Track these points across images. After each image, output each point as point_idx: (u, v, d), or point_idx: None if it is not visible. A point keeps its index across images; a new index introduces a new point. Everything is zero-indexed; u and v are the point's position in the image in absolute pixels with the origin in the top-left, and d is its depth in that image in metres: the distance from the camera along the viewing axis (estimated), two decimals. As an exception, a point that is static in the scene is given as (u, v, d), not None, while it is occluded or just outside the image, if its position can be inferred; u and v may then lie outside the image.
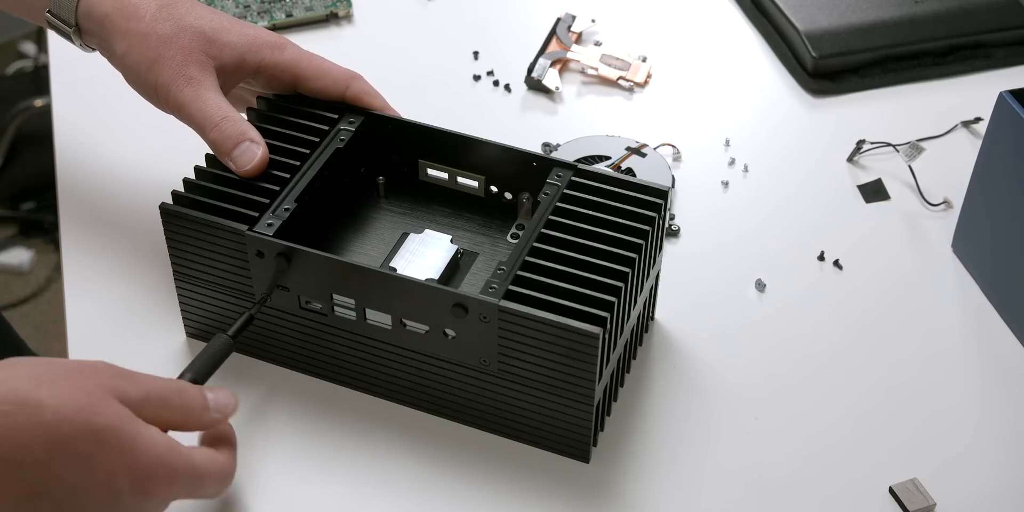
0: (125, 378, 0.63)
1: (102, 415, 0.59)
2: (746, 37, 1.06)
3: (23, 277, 1.96)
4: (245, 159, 0.75)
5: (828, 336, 0.83)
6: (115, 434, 0.59)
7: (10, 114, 1.96)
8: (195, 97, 0.76)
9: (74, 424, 0.58)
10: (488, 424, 0.76)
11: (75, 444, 0.58)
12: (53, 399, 0.58)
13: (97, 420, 0.59)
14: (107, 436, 0.59)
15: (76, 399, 0.59)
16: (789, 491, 0.75)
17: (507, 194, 0.81)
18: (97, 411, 0.59)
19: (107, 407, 0.60)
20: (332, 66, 0.80)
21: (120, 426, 0.60)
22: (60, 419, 0.58)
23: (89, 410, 0.59)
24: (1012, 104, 0.78)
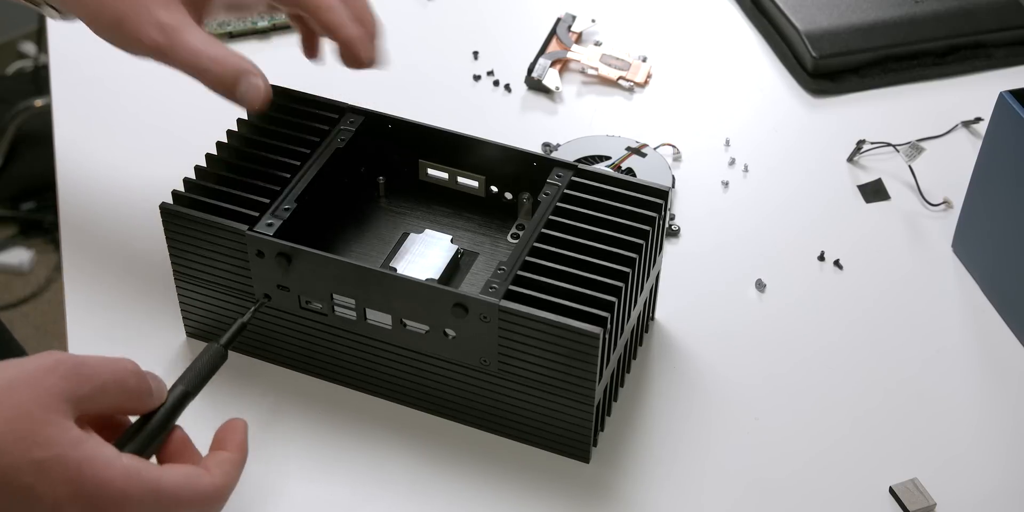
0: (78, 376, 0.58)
1: (43, 445, 0.55)
2: (746, 37, 1.06)
3: (23, 277, 1.96)
4: (251, 96, 0.72)
5: (828, 336, 0.83)
6: (60, 462, 0.55)
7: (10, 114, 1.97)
8: (174, 44, 0.71)
9: (13, 456, 0.55)
10: (488, 424, 0.76)
11: (16, 477, 0.55)
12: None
13: (37, 452, 0.55)
14: (50, 466, 0.55)
15: (15, 429, 0.55)
16: (789, 491, 0.75)
17: (507, 194, 0.81)
18: (38, 441, 0.55)
19: (50, 434, 0.55)
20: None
21: (65, 454, 0.55)
22: None
23: (29, 440, 0.55)
24: (1012, 104, 0.78)
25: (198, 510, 0.60)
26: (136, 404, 0.61)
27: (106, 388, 0.59)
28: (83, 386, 0.58)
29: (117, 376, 0.59)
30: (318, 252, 0.71)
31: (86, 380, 0.58)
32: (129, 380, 0.60)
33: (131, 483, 0.57)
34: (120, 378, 0.60)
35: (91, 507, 0.56)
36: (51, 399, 0.56)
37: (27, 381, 0.56)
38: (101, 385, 0.58)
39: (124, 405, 0.61)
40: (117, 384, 0.59)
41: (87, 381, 0.58)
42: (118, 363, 0.60)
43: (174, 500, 0.58)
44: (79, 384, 0.58)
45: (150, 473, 0.58)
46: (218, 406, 0.78)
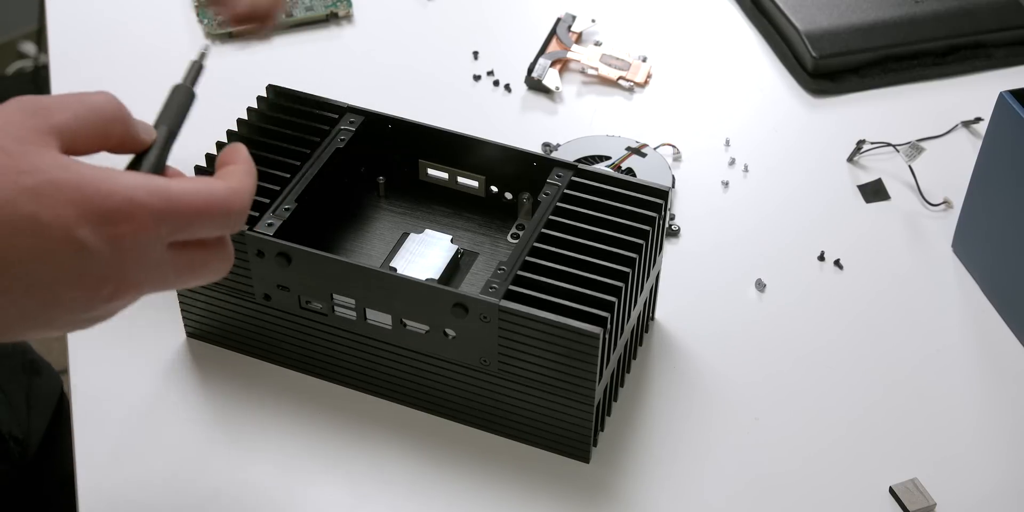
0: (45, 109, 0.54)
1: (29, 172, 0.51)
2: (746, 37, 1.06)
3: (23, 277, 1.96)
4: None
5: (828, 336, 0.83)
6: (54, 185, 0.51)
7: (10, 114, 1.96)
8: None
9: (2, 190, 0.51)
10: (488, 424, 0.76)
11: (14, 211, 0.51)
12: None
13: (26, 180, 0.51)
14: (45, 190, 0.51)
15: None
16: (789, 491, 0.75)
17: (507, 194, 0.81)
18: (22, 169, 0.51)
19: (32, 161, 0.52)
20: None
21: (56, 177, 0.52)
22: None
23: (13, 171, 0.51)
24: (1012, 104, 0.78)
25: (219, 216, 0.55)
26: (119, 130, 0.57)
27: (79, 115, 0.55)
28: (54, 116, 0.54)
29: (88, 103, 0.55)
30: (318, 252, 0.71)
31: (56, 110, 0.54)
32: (104, 106, 0.56)
33: (137, 191, 0.53)
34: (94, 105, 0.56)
35: (102, 222, 0.52)
36: (23, 132, 0.53)
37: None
38: (73, 113, 0.54)
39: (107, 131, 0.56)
40: (92, 111, 0.55)
41: (57, 111, 0.54)
42: (89, 94, 0.56)
43: (191, 206, 0.54)
44: (49, 115, 0.54)
45: (157, 181, 0.54)
46: (218, 406, 0.78)
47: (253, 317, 0.78)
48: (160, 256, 0.54)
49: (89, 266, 0.53)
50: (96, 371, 0.80)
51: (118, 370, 0.80)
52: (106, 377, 0.79)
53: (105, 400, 0.78)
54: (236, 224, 0.56)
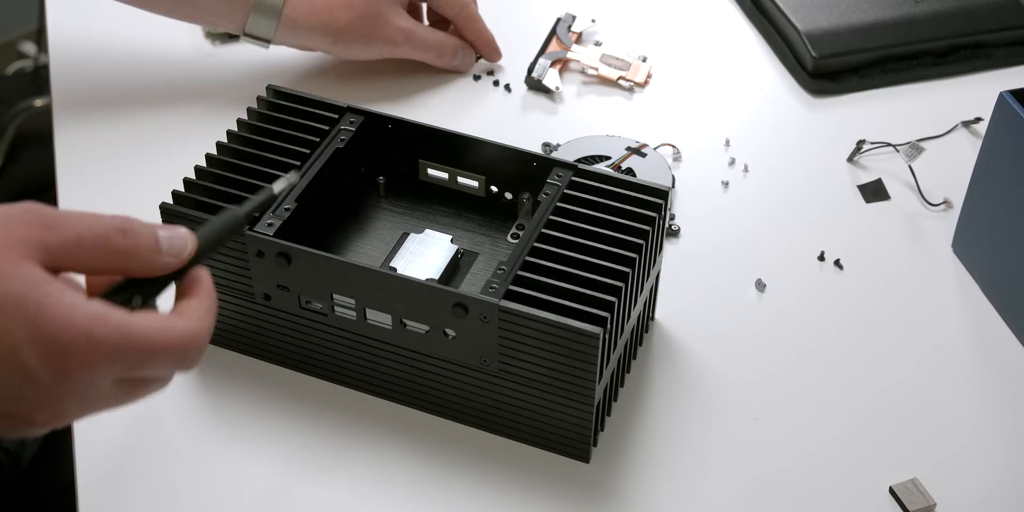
0: (48, 227, 0.53)
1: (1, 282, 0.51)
2: (746, 37, 1.06)
3: (23, 277, 1.96)
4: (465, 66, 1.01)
5: (828, 336, 0.83)
6: (16, 301, 0.50)
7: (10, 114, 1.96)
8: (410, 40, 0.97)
9: None
10: (488, 424, 0.76)
11: None
12: None
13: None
14: (6, 304, 0.50)
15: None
16: (789, 491, 0.75)
17: (507, 194, 0.81)
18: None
19: (8, 271, 0.51)
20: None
21: (23, 292, 0.51)
22: None
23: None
24: (1012, 104, 0.78)
25: (175, 357, 0.54)
26: (130, 264, 0.55)
27: (82, 241, 0.53)
28: (53, 235, 0.53)
29: (95, 231, 0.54)
30: (318, 252, 0.71)
31: (57, 230, 0.53)
32: (112, 237, 0.54)
33: (97, 325, 0.52)
34: (99, 233, 0.54)
35: (53, 353, 0.51)
36: (12, 240, 0.52)
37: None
38: (75, 237, 0.53)
39: (113, 264, 0.55)
40: (96, 239, 0.54)
41: (58, 231, 0.53)
42: (100, 219, 0.55)
43: (147, 345, 0.53)
44: (47, 232, 0.53)
45: (119, 317, 0.53)
46: (218, 406, 0.78)
47: (253, 317, 0.78)
48: (104, 390, 0.54)
49: (28, 391, 0.52)
50: (96, 371, 0.80)
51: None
52: (106, 377, 0.79)
53: (105, 400, 0.78)
54: (190, 364, 0.55)
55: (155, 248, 0.55)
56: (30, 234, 0.52)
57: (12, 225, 0.52)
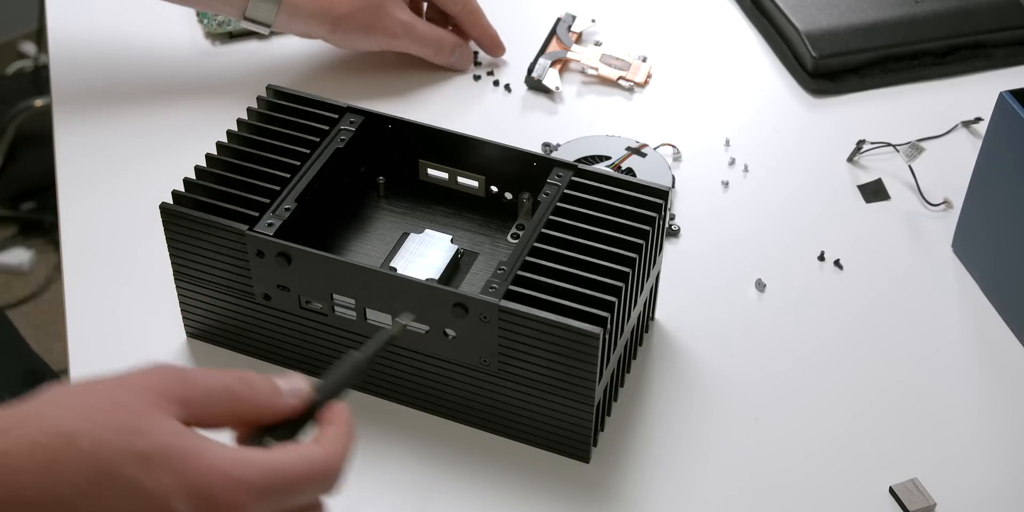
0: (182, 381, 0.56)
1: (143, 434, 0.53)
2: (746, 37, 1.06)
3: (23, 277, 1.96)
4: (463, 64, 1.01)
5: (828, 336, 0.83)
6: (162, 453, 0.53)
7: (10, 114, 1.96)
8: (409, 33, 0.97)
9: (113, 448, 0.52)
10: (488, 424, 0.76)
11: (119, 470, 0.52)
12: (89, 424, 0.53)
13: (139, 441, 0.53)
14: (153, 457, 0.53)
15: (114, 421, 0.53)
16: (789, 491, 0.75)
17: (507, 194, 0.81)
18: (138, 430, 0.53)
19: (151, 425, 0.54)
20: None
21: (167, 444, 0.53)
22: (99, 445, 0.52)
23: (128, 431, 0.53)
24: (1012, 104, 0.78)
25: (318, 483, 0.56)
26: (256, 410, 0.58)
27: (211, 393, 0.56)
28: (186, 389, 0.56)
29: (222, 382, 0.57)
30: (318, 252, 0.71)
31: (190, 384, 0.56)
32: (236, 386, 0.57)
33: (239, 467, 0.54)
34: (227, 384, 0.57)
35: (203, 499, 0.53)
36: (151, 396, 0.55)
37: (127, 383, 0.56)
38: (206, 391, 0.56)
39: (241, 412, 0.57)
40: (225, 389, 0.57)
41: (191, 386, 0.56)
42: (223, 372, 0.58)
43: (290, 478, 0.55)
44: (182, 387, 0.56)
45: (259, 456, 0.55)
46: (218, 406, 0.78)
47: (253, 317, 0.78)
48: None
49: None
50: (96, 371, 0.79)
51: (118, 370, 0.80)
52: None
53: (105, 400, 0.78)
54: (333, 487, 0.57)
55: (275, 390, 0.58)
56: (168, 390, 0.55)
57: (150, 383, 0.55)
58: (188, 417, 0.55)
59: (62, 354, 0.82)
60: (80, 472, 0.52)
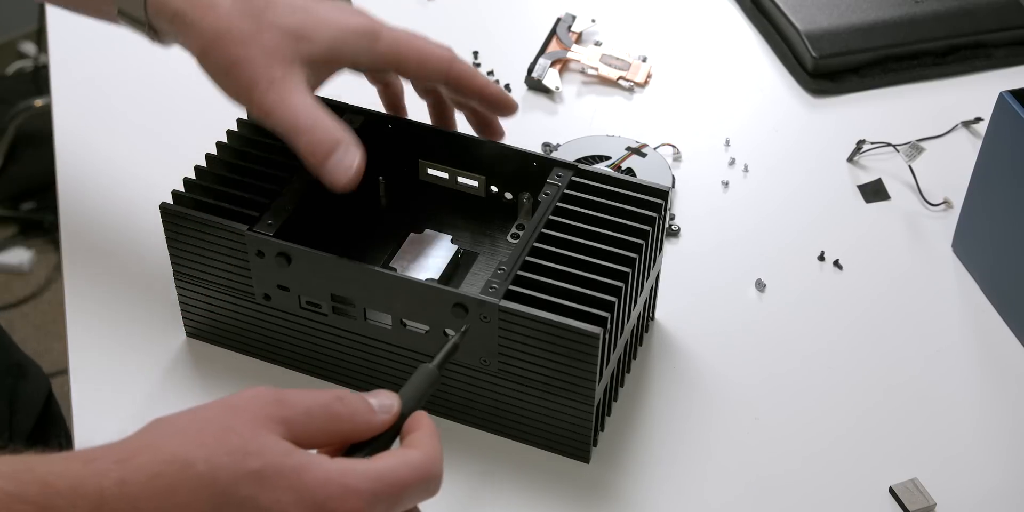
0: (281, 402, 0.57)
1: (255, 455, 0.55)
2: (746, 37, 1.06)
3: (23, 277, 1.96)
4: (340, 171, 0.69)
5: (828, 336, 0.83)
6: (276, 470, 0.55)
7: (10, 114, 1.96)
8: (279, 102, 0.69)
9: (229, 470, 0.54)
10: (488, 424, 0.76)
11: (237, 491, 0.54)
12: (201, 449, 0.54)
13: (251, 462, 0.54)
14: (267, 475, 0.54)
15: (226, 445, 0.55)
16: (789, 491, 0.75)
17: (507, 194, 0.81)
18: (249, 451, 0.55)
19: (260, 445, 0.55)
20: (430, 48, 0.75)
21: (278, 462, 0.55)
22: (214, 468, 0.54)
23: (240, 452, 0.54)
24: (1012, 104, 0.78)
25: (422, 486, 0.58)
26: (353, 427, 0.59)
27: (312, 412, 0.58)
28: (286, 409, 0.57)
29: (319, 401, 0.58)
30: (318, 252, 0.71)
31: (289, 405, 0.57)
32: (334, 405, 0.58)
33: (349, 477, 0.56)
34: (325, 403, 0.58)
35: (319, 507, 0.55)
36: (256, 418, 0.56)
37: (233, 409, 0.57)
38: (306, 410, 0.57)
39: (338, 430, 0.59)
40: (323, 408, 0.58)
41: (290, 406, 0.57)
42: (321, 392, 0.59)
43: (398, 483, 0.57)
44: (282, 407, 0.57)
45: (365, 465, 0.57)
46: (218, 406, 0.78)
47: (253, 317, 0.78)
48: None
49: None
50: (96, 371, 0.80)
51: (118, 370, 0.80)
52: (106, 377, 0.79)
53: (105, 400, 0.78)
54: (436, 488, 0.59)
55: (369, 408, 0.59)
56: (270, 412, 0.57)
57: (251, 406, 0.57)
58: (290, 436, 0.56)
59: (62, 354, 0.82)
60: (199, 496, 0.54)
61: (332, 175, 0.69)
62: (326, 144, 0.69)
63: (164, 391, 0.79)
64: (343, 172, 0.69)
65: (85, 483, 0.53)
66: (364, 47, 0.72)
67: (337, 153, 0.69)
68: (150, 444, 0.55)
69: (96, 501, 0.53)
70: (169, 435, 0.56)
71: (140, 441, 0.55)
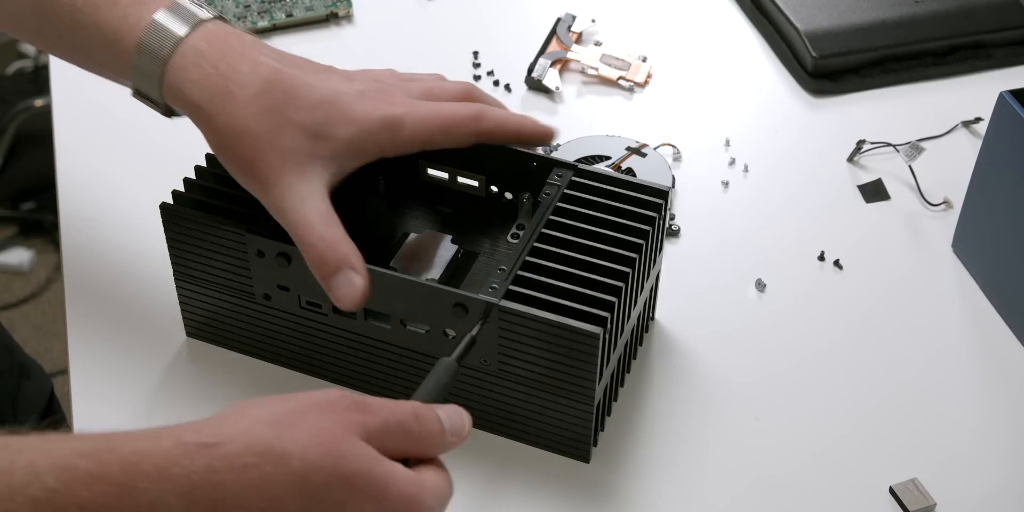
0: (363, 409, 0.57)
1: (349, 459, 0.54)
2: (746, 37, 1.06)
3: (23, 277, 1.96)
4: (343, 292, 0.67)
5: (828, 336, 0.83)
6: (366, 478, 0.55)
7: (10, 114, 1.97)
8: (291, 210, 0.67)
9: (324, 471, 0.54)
10: (488, 424, 0.76)
11: (327, 492, 0.54)
12: (297, 446, 0.54)
13: (345, 465, 0.54)
14: (358, 481, 0.54)
15: (321, 443, 0.54)
16: (789, 491, 0.75)
17: (507, 194, 0.81)
18: (344, 454, 0.54)
19: (353, 449, 0.55)
20: (455, 116, 0.72)
21: (370, 469, 0.55)
22: (308, 467, 0.53)
23: (336, 454, 0.54)
24: (1012, 104, 0.78)
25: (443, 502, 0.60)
26: (423, 447, 0.59)
27: (389, 426, 0.57)
28: (369, 418, 0.57)
29: (398, 417, 0.58)
30: (318, 252, 0.71)
31: (371, 414, 0.57)
32: (410, 422, 0.58)
33: (427, 495, 0.57)
34: (402, 420, 0.58)
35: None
36: (346, 422, 0.56)
37: (320, 407, 0.56)
38: (384, 422, 0.57)
39: (410, 448, 0.59)
40: (399, 425, 0.58)
41: (372, 415, 0.57)
42: (399, 404, 0.59)
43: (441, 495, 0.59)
44: (365, 416, 0.57)
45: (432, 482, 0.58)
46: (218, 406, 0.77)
47: (253, 317, 0.78)
48: None
49: None
50: (96, 371, 0.80)
51: (118, 370, 0.80)
52: (106, 377, 0.79)
53: (105, 400, 0.78)
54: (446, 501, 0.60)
55: (442, 430, 0.60)
56: (354, 417, 0.56)
57: (339, 409, 0.56)
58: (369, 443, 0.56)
59: (62, 354, 0.82)
60: (289, 493, 0.53)
61: (334, 294, 0.68)
62: (331, 264, 0.68)
63: (164, 391, 0.79)
64: (345, 294, 0.68)
65: (173, 466, 0.52)
66: (387, 139, 0.70)
67: (340, 275, 0.68)
68: (244, 431, 0.54)
69: (185, 486, 0.52)
70: (263, 424, 0.54)
71: (231, 426, 0.54)
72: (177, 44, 0.69)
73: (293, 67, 0.70)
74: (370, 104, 0.70)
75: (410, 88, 0.73)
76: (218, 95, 0.68)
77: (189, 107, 0.69)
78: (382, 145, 0.70)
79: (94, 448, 0.52)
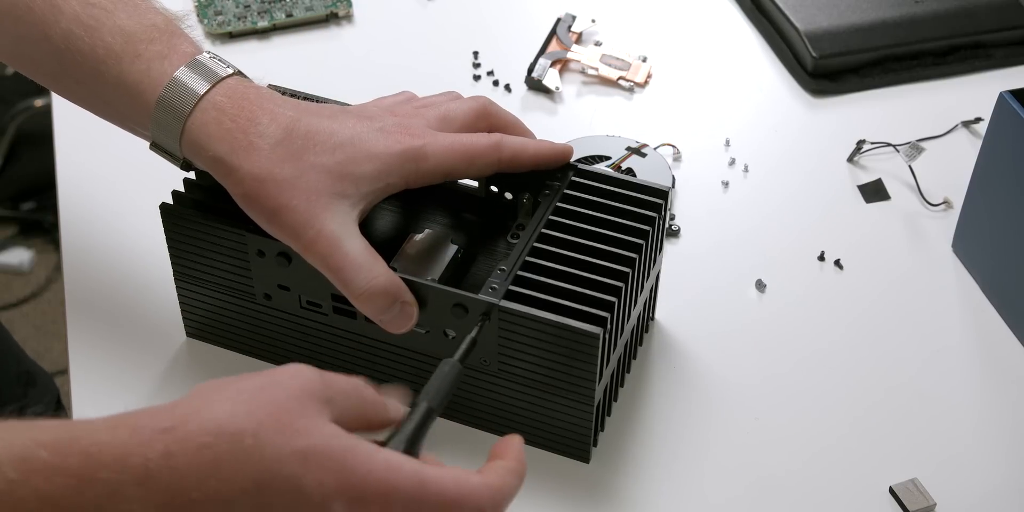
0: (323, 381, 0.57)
1: (303, 434, 0.54)
2: (746, 37, 1.06)
3: (23, 277, 1.96)
4: (399, 323, 0.70)
5: (828, 336, 0.83)
6: (322, 451, 0.54)
7: (10, 114, 1.96)
8: (329, 255, 0.68)
9: (276, 447, 0.53)
10: (488, 424, 0.76)
11: (280, 469, 0.53)
12: (250, 422, 0.53)
13: (299, 440, 0.53)
14: (314, 454, 0.53)
15: (274, 419, 0.53)
16: (789, 491, 0.75)
17: (507, 194, 0.81)
18: (298, 429, 0.54)
19: (309, 424, 0.54)
20: (476, 145, 0.72)
21: (328, 444, 0.54)
22: (261, 444, 0.53)
23: (290, 429, 0.53)
24: (1012, 104, 0.78)
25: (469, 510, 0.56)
26: (375, 414, 0.58)
27: (348, 393, 0.57)
28: (328, 388, 0.56)
29: (352, 383, 0.58)
30: (318, 252, 0.71)
31: (329, 384, 0.57)
32: (365, 391, 0.58)
33: (393, 474, 0.55)
34: (356, 385, 0.58)
35: (358, 500, 0.54)
36: (303, 395, 0.55)
37: (277, 382, 0.56)
38: (342, 390, 0.57)
39: (365, 415, 0.58)
40: (355, 390, 0.58)
41: (330, 385, 0.57)
42: (350, 377, 0.59)
43: (439, 494, 0.55)
44: (324, 386, 0.56)
45: (412, 465, 0.56)
46: (218, 406, 0.78)
47: (253, 317, 0.78)
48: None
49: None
50: (96, 371, 0.80)
51: (118, 370, 0.80)
52: (106, 377, 0.79)
53: (105, 400, 0.78)
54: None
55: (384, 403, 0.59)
56: (315, 391, 0.56)
57: (300, 383, 0.56)
58: (332, 417, 0.56)
59: (62, 354, 0.82)
60: (243, 471, 0.52)
61: (389, 326, 0.70)
62: (388, 302, 0.69)
63: (164, 391, 0.79)
64: (401, 325, 0.70)
65: (130, 455, 0.52)
66: (411, 170, 0.71)
67: (393, 309, 0.70)
68: (197, 410, 0.53)
69: (141, 474, 0.51)
70: (217, 403, 0.54)
71: (186, 408, 0.54)
72: (198, 101, 0.69)
73: (310, 114, 0.70)
74: (391, 138, 0.71)
75: (427, 115, 0.74)
76: (239, 147, 0.68)
77: (211, 162, 0.69)
78: (407, 177, 0.71)
79: (54, 438, 0.52)
